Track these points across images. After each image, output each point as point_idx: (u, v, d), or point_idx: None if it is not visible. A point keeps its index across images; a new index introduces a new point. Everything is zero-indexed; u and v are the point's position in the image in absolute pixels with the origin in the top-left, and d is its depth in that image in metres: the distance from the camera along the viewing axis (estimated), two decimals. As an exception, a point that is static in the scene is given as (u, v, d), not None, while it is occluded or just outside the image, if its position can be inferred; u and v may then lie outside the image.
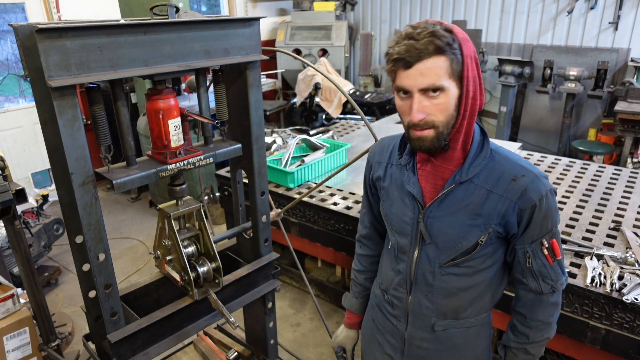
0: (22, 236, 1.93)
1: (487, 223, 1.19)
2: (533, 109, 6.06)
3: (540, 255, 1.22)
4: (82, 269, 1.46)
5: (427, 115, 1.10)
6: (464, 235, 1.21)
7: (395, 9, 6.95)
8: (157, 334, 1.55)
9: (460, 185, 1.20)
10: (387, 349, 1.46)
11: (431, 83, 1.07)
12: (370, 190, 1.48)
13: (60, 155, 1.22)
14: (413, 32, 1.07)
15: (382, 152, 1.41)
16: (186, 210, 1.55)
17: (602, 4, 5.33)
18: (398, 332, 1.41)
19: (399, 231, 1.33)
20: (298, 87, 6.15)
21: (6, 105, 4.88)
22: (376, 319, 1.50)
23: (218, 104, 1.59)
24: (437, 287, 1.29)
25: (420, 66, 1.06)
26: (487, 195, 1.18)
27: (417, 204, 1.26)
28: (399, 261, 1.35)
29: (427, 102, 1.09)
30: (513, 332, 1.34)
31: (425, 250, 1.27)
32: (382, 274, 1.47)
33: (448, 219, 1.22)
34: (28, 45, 1.14)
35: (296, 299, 3.40)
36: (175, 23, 1.30)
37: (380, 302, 1.48)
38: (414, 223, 1.27)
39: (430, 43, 1.05)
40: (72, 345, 2.91)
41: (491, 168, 1.19)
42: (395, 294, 1.38)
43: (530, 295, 1.28)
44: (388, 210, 1.36)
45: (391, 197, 1.34)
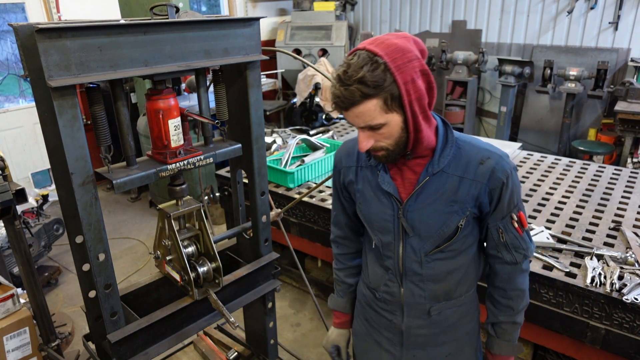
0: (22, 236, 1.93)
1: (464, 207, 1.26)
2: (533, 109, 6.06)
3: (511, 228, 1.30)
4: (82, 269, 1.46)
5: (375, 142, 1.19)
6: (444, 222, 1.27)
7: (395, 9, 6.95)
8: (157, 334, 1.55)
9: (433, 176, 1.25)
10: (385, 344, 1.48)
11: (367, 123, 1.14)
12: (342, 194, 1.49)
13: (60, 155, 1.22)
14: (343, 76, 1.09)
15: (348, 156, 1.41)
16: (186, 210, 1.55)
17: (602, 4, 5.33)
18: (394, 326, 1.43)
19: (380, 230, 1.35)
20: (298, 87, 6.15)
21: (6, 105, 4.88)
22: (369, 318, 1.51)
23: (218, 104, 1.59)
24: (426, 274, 1.34)
25: (354, 111, 1.12)
26: (460, 182, 1.24)
27: (395, 200, 1.29)
28: (386, 258, 1.38)
29: (371, 133, 1.17)
30: (497, 308, 1.41)
31: (410, 242, 1.31)
32: (368, 274, 1.48)
33: (427, 209, 1.27)
34: (28, 45, 1.15)
35: (296, 299, 3.40)
36: (175, 23, 1.30)
37: (371, 301, 1.49)
38: (395, 219, 1.31)
39: (357, 91, 1.08)
40: (72, 345, 2.91)
41: (458, 155, 1.25)
42: (387, 289, 1.41)
43: (507, 268, 1.36)
44: (366, 211, 1.37)
45: (367, 198, 1.36)
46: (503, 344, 1.43)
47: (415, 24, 6.82)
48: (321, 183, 2.31)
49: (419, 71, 1.11)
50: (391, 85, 1.08)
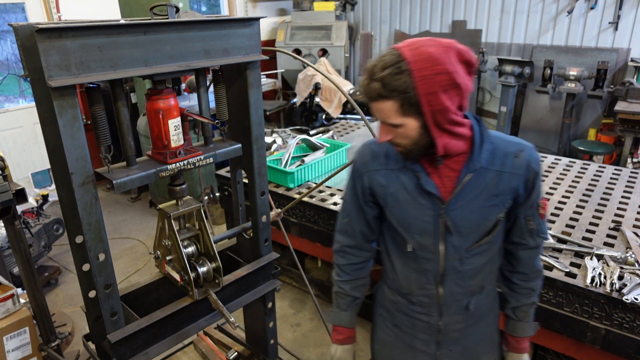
0: (22, 236, 1.93)
1: (504, 200, 1.29)
2: (533, 109, 6.06)
3: (537, 215, 1.36)
4: (82, 269, 1.46)
5: (393, 137, 1.22)
6: (485, 217, 1.29)
7: (395, 9, 6.95)
8: (157, 334, 1.55)
9: (473, 172, 1.26)
10: (419, 346, 1.47)
11: (385, 119, 1.18)
12: (363, 199, 1.42)
13: (60, 155, 1.22)
14: (372, 69, 1.13)
15: (375, 159, 1.37)
16: (186, 210, 1.55)
17: (602, 4, 5.33)
18: (431, 326, 1.43)
19: (419, 232, 1.33)
20: (298, 87, 6.15)
21: (6, 105, 4.88)
22: (400, 323, 1.49)
23: (218, 104, 1.59)
24: (465, 271, 1.35)
25: (375, 105, 1.18)
26: (499, 176, 1.27)
27: (437, 201, 1.28)
28: (424, 260, 1.36)
29: (389, 129, 1.21)
30: (519, 292, 1.46)
31: (451, 241, 1.31)
32: (399, 280, 1.44)
33: (469, 206, 1.28)
34: (28, 45, 1.15)
35: (296, 299, 3.40)
36: (175, 23, 1.30)
37: (402, 307, 1.46)
38: (436, 220, 1.30)
39: (377, 90, 1.12)
40: (72, 345, 2.91)
41: (492, 150, 1.27)
42: (424, 292, 1.39)
43: (529, 253, 1.41)
44: (402, 215, 1.34)
45: (401, 202, 1.33)
46: (525, 326, 1.48)
47: (415, 24, 6.82)
48: (321, 183, 2.31)
49: (447, 84, 1.10)
50: (410, 92, 1.09)
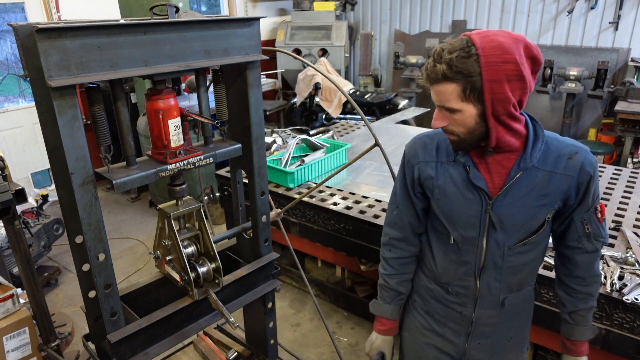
0: (21, 236, 1.93)
1: (553, 201, 1.29)
2: (533, 109, 6.06)
3: (595, 219, 1.34)
4: (82, 269, 1.46)
5: (448, 125, 1.23)
6: (532, 216, 1.29)
7: (395, 9, 6.95)
8: (157, 334, 1.55)
9: (525, 171, 1.26)
10: (449, 335, 1.49)
11: (442, 103, 1.19)
12: (413, 190, 1.45)
13: (60, 155, 1.22)
14: (441, 51, 1.16)
15: (425, 152, 1.39)
16: (186, 210, 1.55)
17: (602, 4, 5.33)
18: (464, 317, 1.44)
19: (463, 225, 1.35)
20: (298, 87, 6.15)
21: (6, 105, 4.88)
22: (433, 311, 1.51)
23: (218, 104, 1.59)
24: (506, 267, 1.36)
25: (435, 87, 1.19)
26: (550, 176, 1.27)
27: (485, 196, 1.29)
28: (465, 252, 1.37)
29: (445, 115, 1.21)
30: (575, 297, 1.44)
31: (495, 237, 1.32)
32: (437, 269, 1.46)
33: (516, 204, 1.28)
34: (28, 45, 1.14)
35: (296, 299, 3.40)
36: (175, 23, 1.30)
37: (437, 295, 1.49)
38: (482, 214, 1.31)
39: (443, 71, 1.14)
40: (72, 345, 2.91)
41: (546, 150, 1.27)
42: (462, 283, 1.41)
43: (587, 257, 1.39)
44: (447, 207, 1.36)
45: (448, 194, 1.34)
46: (583, 330, 1.46)
47: (415, 24, 6.82)
48: (321, 183, 2.31)
49: (513, 75, 1.12)
50: (475, 77, 1.11)
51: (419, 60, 6.34)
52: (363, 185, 3.10)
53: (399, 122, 4.75)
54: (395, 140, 3.98)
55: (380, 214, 2.67)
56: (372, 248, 2.65)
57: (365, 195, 2.94)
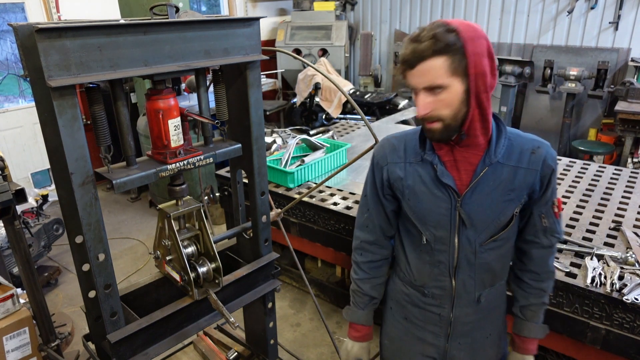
0: (21, 236, 1.93)
1: (519, 195, 1.31)
2: (533, 109, 6.06)
3: (551, 213, 1.38)
4: (82, 269, 1.46)
5: (433, 110, 1.19)
6: (501, 211, 1.31)
7: (395, 9, 6.95)
8: (157, 334, 1.55)
9: (489, 167, 1.28)
10: (429, 339, 1.48)
11: (430, 82, 1.16)
12: (383, 192, 1.45)
13: (60, 155, 1.22)
14: (418, 35, 1.15)
15: (393, 153, 1.40)
16: (186, 210, 1.55)
17: (602, 4, 5.33)
18: (442, 319, 1.44)
19: (434, 224, 1.35)
20: (298, 87, 6.15)
21: (6, 105, 4.88)
22: (410, 316, 1.51)
23: (218, 104, 1.59)
24: (478, 264, 1.37)
25: (421, 67, 1.15)
26: (515, 171, 1.29)
27: (453, 193, 1.30)
28: (438, 252, 1.38)
29: (432, 98, 1.18)
30: (528, 292, 1.47)
31: (465, 234, 1.33)
32: (412, 272, 1.46)
33: (484, 200, 1.30)
34: (28, 45, 1.14)
35: (296, 299, 3.40)
36: (175, 23, 1.30)
37: (414, 299, 1.48)
38: (451, 213, 1.32)
39: (429, 46, 1.12)
40: (72, 345, 2.91)
41: (509, 146, 1.30)
42: (437, 284, 1.41)
43: (542, 252, 1.43)
44: (417, 207, 1.36)
45: (418, 194, 1.35)
46: (533, 327, 1.49)
47: (415, 24, 6.82)
48: (321, 183, 2.31)
49: (486, 51, 1.16)
50: (460, 50, 1.12)
51: (419, 60, 6.34)
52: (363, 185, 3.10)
53: (399, 122, 4.75)
54: (395, 140, 3.97)
55: (380, 214, 2.66)
56: (372, 248, 2.65)
57: (365, 195, 2.94)
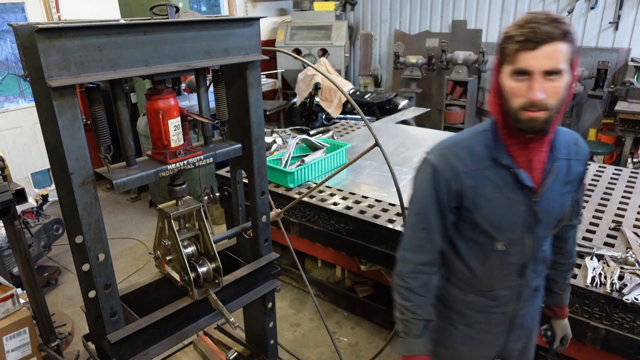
0: (21, 236, 1.92)
1: (574, 186, 1.37)
2: (533, 109, 6.06)
3: (582, 196, 1.48)
4: (82, 269, 1.46)
5: (546, 96, 1.15)
6: (563, 204, 1.36)
7: (395, 9, 6.95)
8: (157, 334, 1.55)
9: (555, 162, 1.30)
10: (491, 339, 1.48)
11: (554, 66, 1.12)
12: (448, 206, 1.33)
13: (60, 155, 1.22)
14: (536, 17, 1.13)
15: (459, 162, 1.29)
16: (186, 210, 1.55)
17: (602, 4, 5.33)
18: (506, 317, 1.45)
19: (509, 228, 1.32)
20: (298, 87, 6.15)
21: (6, 105, 4.87)
22: (473, 322, 1.45)
23: (218, 104, 1.59)
24: (540, 257, 1.40)
25: (547, 48, 1.11)
26: (569, 163, 1.33)
27: (531, 194, 1.29)
28: (511, 255, 1.36)
29: (547, 84, 1.14)
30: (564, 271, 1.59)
31: (536, 232, 1.34)
32: (477, 280, 1.40)
33: (551, 196, 1.32)
34: (28, 45, 1.14)
35: (296, 299, 3.40)
36: (175, 23, 1.30)
37: (478, 305, 1.43)
38: (527, 213, 1.31)
39: (557, 28, 1.10)
40: (72, 345, 2.91)
41: (559, 140, 1.32)
42: (506, 285, 1.40)
43: (573, 232, 1.55)
44: (492, 215, 1.30)
45: (491, 201, 1.29)
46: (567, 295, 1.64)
47: (415, 24, 6.82)
48: (321, 183, 2.31)
49: None
50: (574, 41, 1.14)
51: (419, 60, 6.34)
52: (363, 185, 3.10)
53: (399, 122, 4.75)
54: (395, 140, 3.97)
55: (380, 214, 2.66)
56: (372, 248, 2.65)
57: (365, 195, 2.94)
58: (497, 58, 1.22)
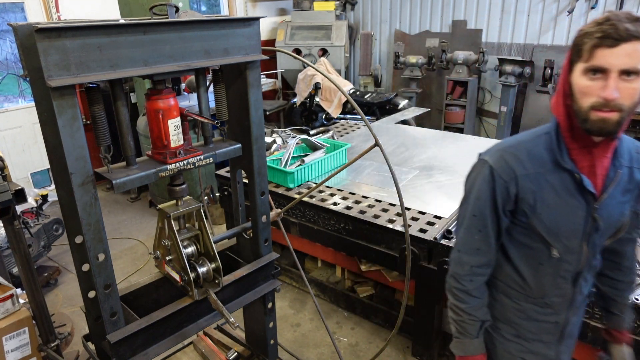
0: (21, 236, 1.92)
1: (633, 195, 1.32)
2: (533, 109, 6.06)
3: None
4: (81, 269, 1.46)
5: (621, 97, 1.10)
6: (622, 212, 1.32)
7: (395, 9, 6.95)
8: (157, 334, 1.55)
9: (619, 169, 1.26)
10: (542, 350, 1.42)
11: (633, 65, 1.07)
12: (504, 209, 1.31)
13: (60, 155, 1.22)
14: (617, 15, 1.08)
15: (519, 164, 1.27)
16: (186, 210, 1.55)
17: (602, 4, 5.33)
18: (557, 326, 1.40)
19: (567, 235, 1.28)
20: (298, 87, 6.15)
21: (6, 105, 4.87)
22: (523, 332, 1.42)
23: (218, 104, 1.59)
24: (594, 266, 1.37)
25: (627, 47, 1.07)
26: (631, 171, 1.29)
27: (591, 200, 1.25)
28: (566, 262, 1.31)
29: (623, 84, 1.09)
30: (622, 288, 1.50)
31: (593, 239, 1.30)
32: (530, 286, 1.37)
33: (611, 203, 1.28)
34: (27, 45, 1.14)
35: (296, 299, 3.40)
36: (175, 23, 1.29)
37: (530, 313, 1.40)
38: (586, 220, 1.27)
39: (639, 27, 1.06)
40: (72, 345, 2.91)
41: (622, 147, 1.28)
42: (558, 292, 1.36)
43: (633, 246, 1.46)
44: (549, 219, 1.27)
45: (550, 206, 1.26)
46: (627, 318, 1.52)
47: (415, 24, 6.82)
48: (321, 183, 2.31)
49: None
50: None
51: (419, 60, 6.34)
52: (363, 185, 3.10)
53: (399, 122, 4.75)
54: (396, 140, 3.97)
55: (380, 214, 2.66)
56: (372, 248, 2.65)
57: (365, 195, 2.94)
58: (568, 56, 1.18)
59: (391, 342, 2.85)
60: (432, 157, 3.59)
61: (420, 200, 2.84)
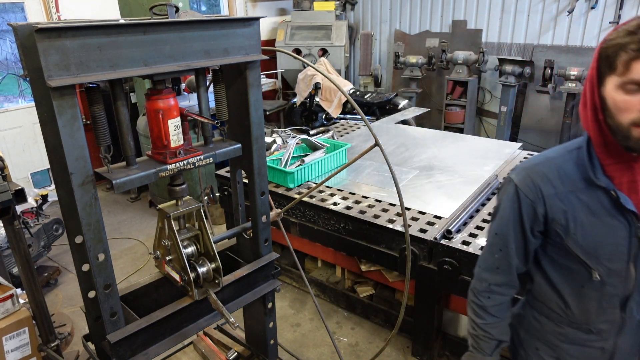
0: (21, 236, 1.92)
1: None
2: (533, 109, 6.06)
3: None
4: (81, 269, 1.46)
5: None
6: None
7: (395, 9, 6.95)
8: (157, 334, 1.55)
9: None
10: None
11: None
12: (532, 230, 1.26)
13: (60, 155, 1.22)
14: None
15: (547, 183, 1.21)
16: (186, 210, 1.55)
17: (602, 4, 5.33)
18: (604, 352, 1.32)
19: (609, 257, 1.20)
20: (298, 87, 6.15)
21: (5, 105, 4.88)
22: (564, 355, 1.35)
23: (218, 104, 1.59)
24: None
25: None
26: None
27: (634, 219, 1.16)
28: (611, 286, 1.23)
29: None
30: None
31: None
32: (572, 311, 1.30)
33: None
34: (27, 45, 1.14)
35: (296, 299, 3.40)
36: (175, 23, 1.29)
37: (574, 338, 1.33)
38: (630, 241, 1.18)
39: None
40: (72, 345, 2.91)
41: None
42: (605, 318, 1.28)
43: None
44: (586, 241, 1.20)
45: (585, 226, 1.19)
46: None
47: (415, 24, 6.82)
48: (321, 183, 2.31)
49: None
50: None
51: (419, 60, 6.34)
52: (363, 185, 3.10)
53: (399, 122, 4.75)
54: (395, 140, 3.97)
55: (380, 214, 2.66)
56: (372, 248, 2.65)
57: (365, 195, 2.94)
58: (595, 68, 1.11)
59: (391, 342, 2.85)
60: (432, 157, 3.59)
61: (420, 200, 2.84)
